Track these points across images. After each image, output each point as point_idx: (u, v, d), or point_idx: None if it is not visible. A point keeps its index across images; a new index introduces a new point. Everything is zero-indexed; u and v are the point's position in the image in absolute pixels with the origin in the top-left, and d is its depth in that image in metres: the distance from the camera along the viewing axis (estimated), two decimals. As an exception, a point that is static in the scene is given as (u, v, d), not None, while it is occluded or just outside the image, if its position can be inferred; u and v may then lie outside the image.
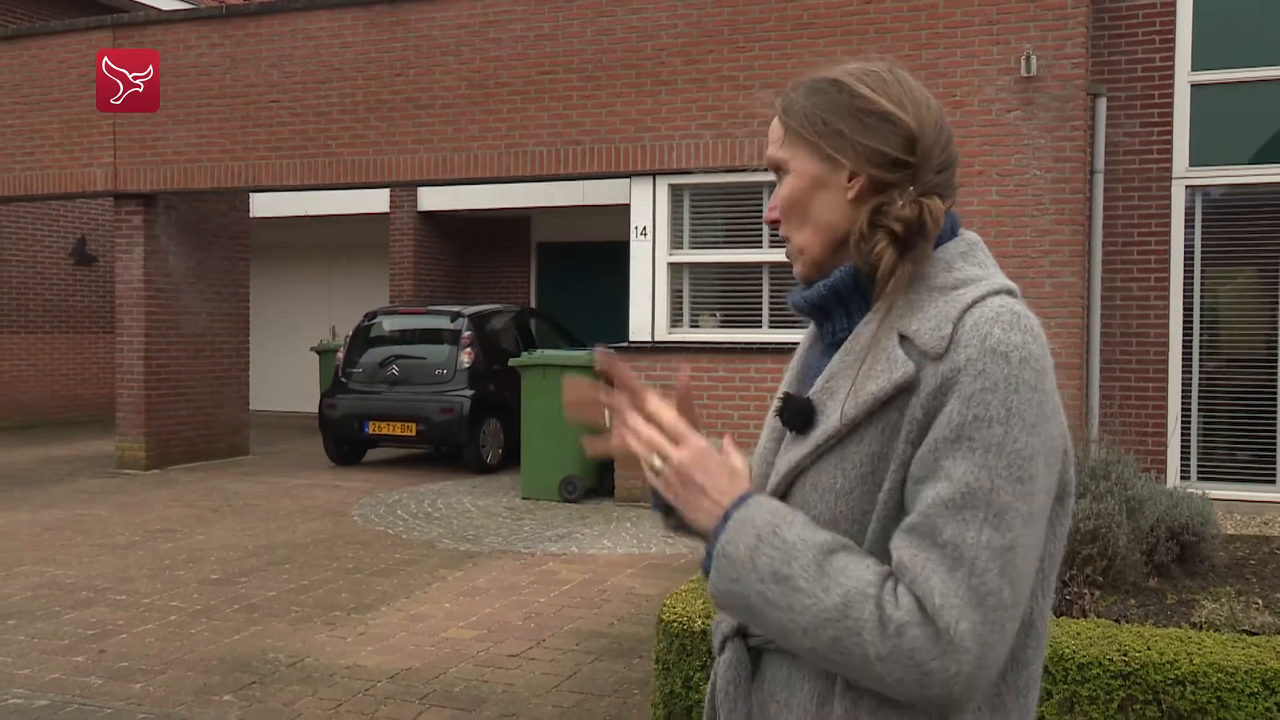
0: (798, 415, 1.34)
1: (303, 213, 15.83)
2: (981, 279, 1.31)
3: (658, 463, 1.36)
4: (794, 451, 1.34)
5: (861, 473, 1.27)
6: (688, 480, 1.33)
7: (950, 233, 1.36)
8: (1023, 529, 1.20)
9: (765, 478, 1.40)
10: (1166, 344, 8.94)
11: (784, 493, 1.34)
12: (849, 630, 1.18)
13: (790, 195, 1.39)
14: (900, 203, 1.31)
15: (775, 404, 1.41)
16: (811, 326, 1.49)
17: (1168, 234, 8.94)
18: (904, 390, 1.25)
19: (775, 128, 1.41)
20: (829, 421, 1.30)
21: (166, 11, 12.43)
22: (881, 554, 1.26)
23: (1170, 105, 8.91)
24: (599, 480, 9.73)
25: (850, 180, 1.35)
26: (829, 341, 1.41)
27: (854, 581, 1.20)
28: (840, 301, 1.38)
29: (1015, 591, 1.19)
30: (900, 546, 1.21)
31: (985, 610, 1.17)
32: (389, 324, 11.99)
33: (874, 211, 1.32)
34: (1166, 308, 8.94)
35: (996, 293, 1.28)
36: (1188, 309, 8.93)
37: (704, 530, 1.33)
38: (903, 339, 1.27)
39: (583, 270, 15.72)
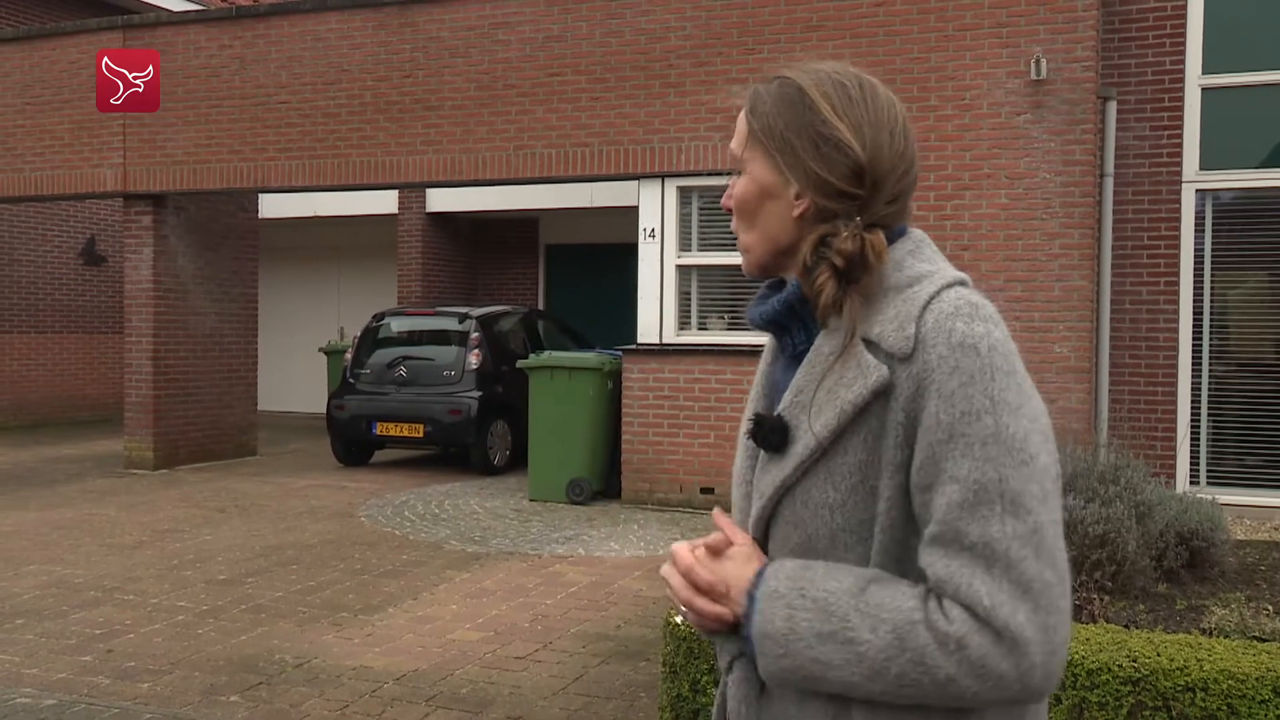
0: (773, 434, 1.32)
1: (311, 214, 15.86)
2: (933, 274, 1.31)
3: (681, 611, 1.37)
4: (776, 470, 1.32)
5: (851, 483, 1.26)
6: (700, 607, 1.34)
7: (898, 232, 1.36)
8: (1041, 508, 1.20)
9: (747, 498, 1.39)
10: (1176, 348, 8.91)
11: (772, 512, 1.33)
12: (912, 662, 1.17)
13: (742, 196, 1.39)
14: (844, 234, 1.30)
15: (746, 425, 1.39)
16: (772, 340, 1.48)
17: (1177, 238, 8.90)
18: (880, 394, 1.24)
19: (742, 122, 1.41)
20: (808, 436, 1.28)
21: (176, 13, 12.46)
22: (891, 564, 1.25)
23: (1180, 109, 8.88)
24: (606, 483, 9.73)
25: (797, 199, 1.34)
26: (791, 354, 1.40)
27: (896, 612, 1.19)
28: (796, 315, 1.38)
29: (1056, 569, 1.19)
30: (931, 561, 1.20)
31: (1034, 596, 1.17)
32: (397, 325, 12.01)
33: (818, 242, 1.32)
34: (1176, 312, 8.91)
35: (949, 285, 1.28)
36: (1197, 313, 8.89)
37: (735, 622, 1.32)
38: (868, 343, 1.27)
39: (591, 272, 15.72)
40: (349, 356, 11.78)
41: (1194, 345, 8.89)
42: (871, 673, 1.19)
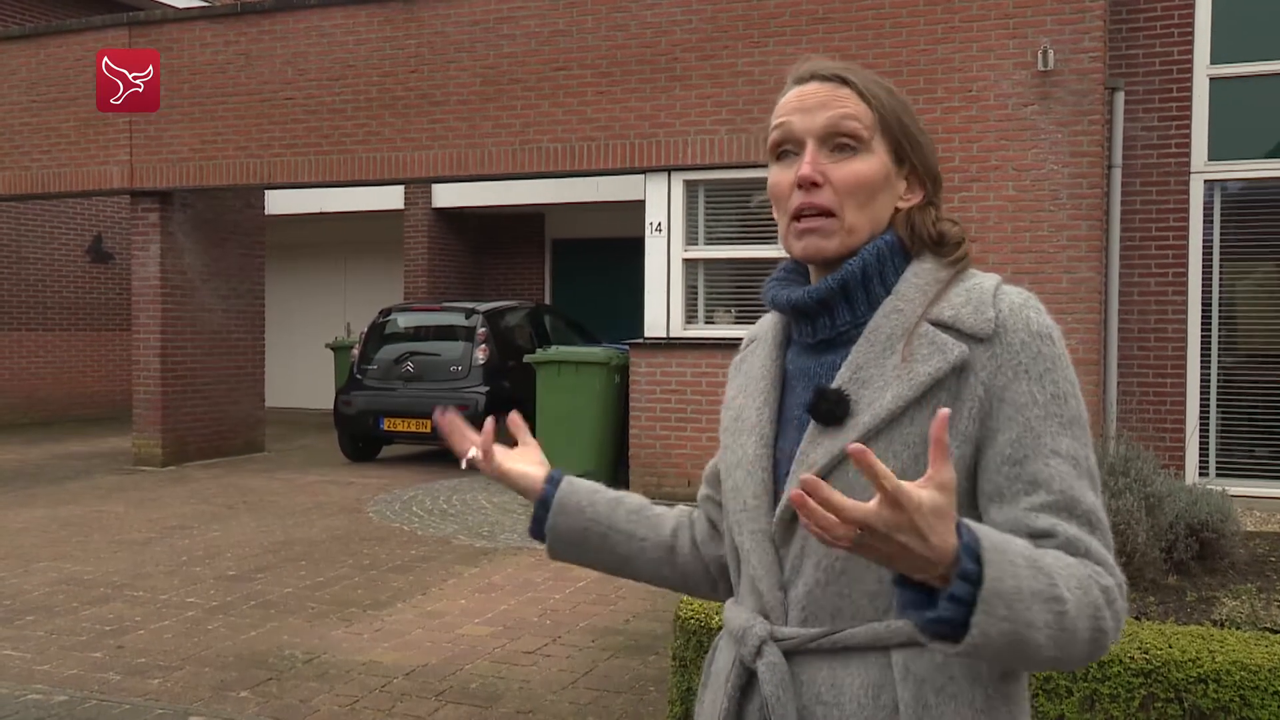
0: (838, 406, 1.33)
1: (317, 210, 15.87)
2: (976, 270, 1.40)
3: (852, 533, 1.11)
4: (830, 442, 1.33)
5: (914, 453, 1.30)
6: (901, 533, 1.09)
7: None
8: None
9: (764, 484, 1.39)
10: (1185, 340, 8.88)
11: None
12: (1091, 617, 1.20)
13: (872, 177, 1.39)
14: (949, 222, 1.44)
15: (807, 400, 1.37)
16: (769, 332, 1.49)
17: (1186, 229, 8.88)
18: (956, 370, 1.30)
19: (853, 101, 1.40)
20: (876, 405, 1.31)
21: (181, 9, 12.46)
22: None
23: (1189, 99, 8.84)
24: (614, 477, 9.73)
25: (907, 192, 1.43)
26: (824, 337, 1.41)
27: (1071, 567, 1.21)
28: (846, 295, 1.39)
29: None
30: (1055, 523, 1.26)
31: (1117, 563, 1.27)
32: (404, 321, 12.01)
33: (937, 218, 1.43)
34: (1185, 303, 8.88)
35: (1001, 281, 1.37)
36: (1206, 304, 8.86)
37: (927, 574, 1.12)
38: (940, 326, 1.33)
39: (597, 267, 15.72)
40: (356, 352, 11.79)
41: (1203, 336, 8.86)
42: (1059, 634, 1.16)
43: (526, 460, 1.68)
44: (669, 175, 9.45)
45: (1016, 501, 1.27)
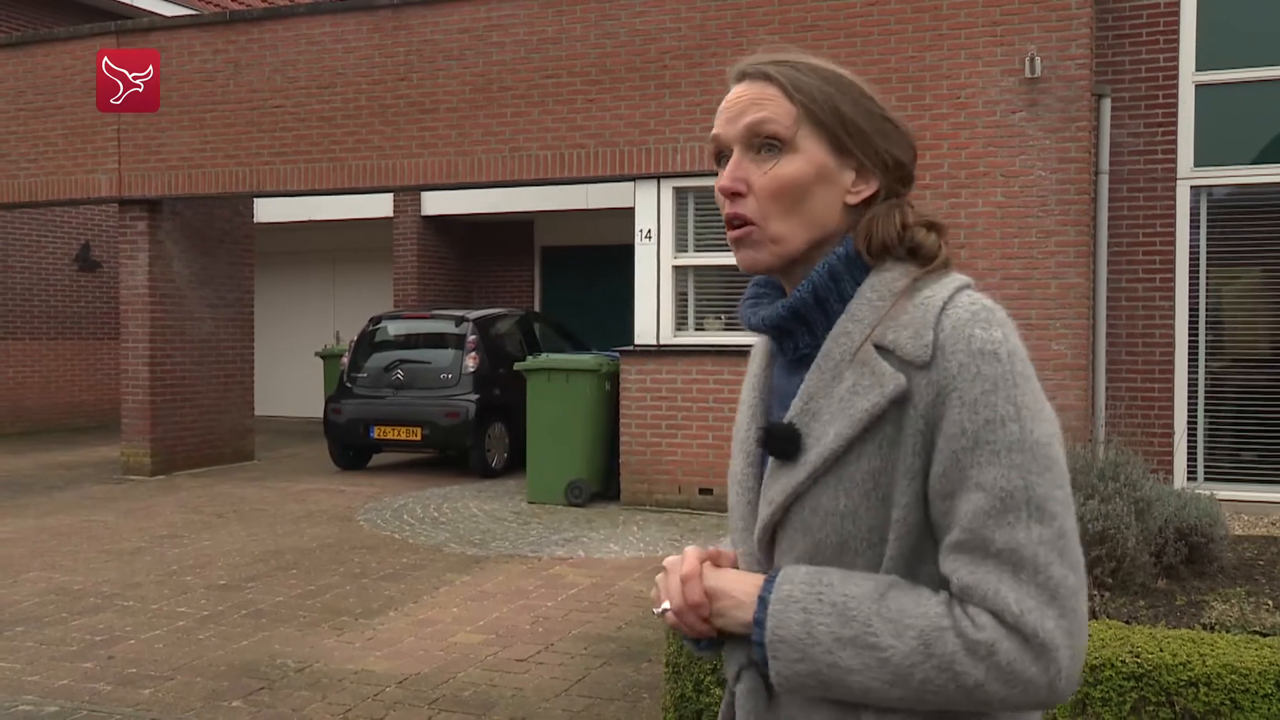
0: (785, 442, 1.29)
1: (306, 218, 15.84)
2: (940, 279, 1.30)
3: (662, 608, 1.36)
4: (786, 478, 1.29)
5: (864, 490, 1.24)
6: (705, 600, 1.33)
7: None
8: (1064, 513, 1.20)
9: (750, 505, 1.37)
10: (1172, 344, 8.93)
11: (780, 519, 1.31)
12: (938, 668, 1.17)
13: (794, 179, 1.30)
14: (919, 216, 1.34)
15: (756, 432, 1.36)
16: (763, 343, 1.45)
17: (1172, 234, 8.93)
18: (896, 402, 1.22)
19: (775, 99, 1.32)
20: (822, 443, 1.26)
21: (170, 18, 12.44)
22: (904, 570, 1.23)
23: (1174, 106, 8.90)
24: (605, 484, 9.73)
25: (855, 184, 1.33)
26: (791, 358, 1.36)
27: (922, 618, 1.18)
28: (801, 319, 1.33)
29: (1077, 574, 1.20)
30: (956, 568, 1.19)
31: (1060, 602, 1.17)
32: (393, 329, 12.00)
33: (904, 224, 1.32)
34: (1172, 308, 8.93)
35: (960, 289, 1.27)
36: (1193, 309, 8.91)
37: (743, 628, 1.29)
38: (882, 350, 1.24)
39: (587, 274, 15.73)
40: (346, 360, 11.78)
41: (1190, 341, 8.91)
42: (894, 678, 1.18)
43: None
44: (658, 182, 9.47)
45: (942, 540, 1.22)
